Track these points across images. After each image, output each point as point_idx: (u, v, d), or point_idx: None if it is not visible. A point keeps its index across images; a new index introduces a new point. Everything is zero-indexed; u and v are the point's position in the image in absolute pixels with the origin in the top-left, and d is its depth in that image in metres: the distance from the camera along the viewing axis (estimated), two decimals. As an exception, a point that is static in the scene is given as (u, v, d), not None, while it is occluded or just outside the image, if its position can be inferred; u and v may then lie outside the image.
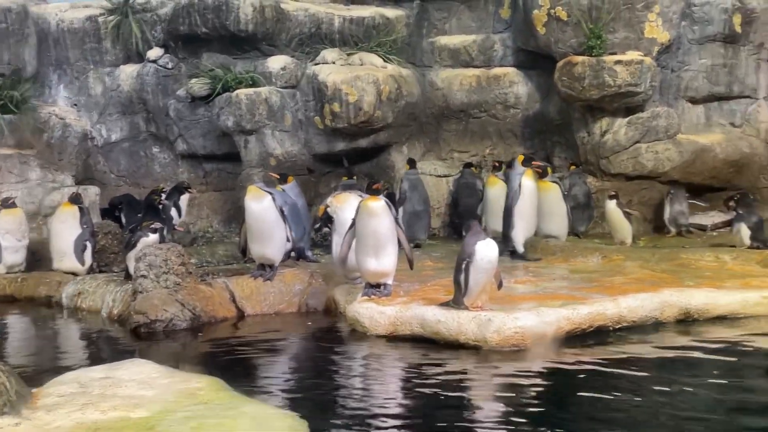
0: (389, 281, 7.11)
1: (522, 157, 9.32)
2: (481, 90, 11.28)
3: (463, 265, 6.24)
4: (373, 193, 7.13)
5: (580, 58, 10.26)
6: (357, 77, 10.56)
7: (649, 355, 6.10)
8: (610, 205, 9.62)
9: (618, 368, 5.75)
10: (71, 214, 9.19)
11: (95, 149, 11.89)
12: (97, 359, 6.23)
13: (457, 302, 6.40)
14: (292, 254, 8.71)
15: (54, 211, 9.73)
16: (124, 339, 7.20)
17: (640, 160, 10.42)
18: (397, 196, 10.08)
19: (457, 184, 10.91)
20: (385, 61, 11.06)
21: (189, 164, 11.77)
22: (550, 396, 5.25)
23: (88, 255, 9.15)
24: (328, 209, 7.90)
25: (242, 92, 10.85)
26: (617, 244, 9.57)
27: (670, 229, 10.24)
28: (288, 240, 8.08)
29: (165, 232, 9.16)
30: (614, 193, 9.77)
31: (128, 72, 11.71)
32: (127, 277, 8.22)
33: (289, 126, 10.98)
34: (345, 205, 7.75)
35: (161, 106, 11.60)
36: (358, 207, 7.11)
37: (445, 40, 11.52)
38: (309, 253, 9.12)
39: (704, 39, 10.71)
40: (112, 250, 9.58)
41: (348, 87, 10.51)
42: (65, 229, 9.13)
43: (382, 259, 7.01)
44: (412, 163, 10.68)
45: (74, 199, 9.40)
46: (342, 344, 6.81)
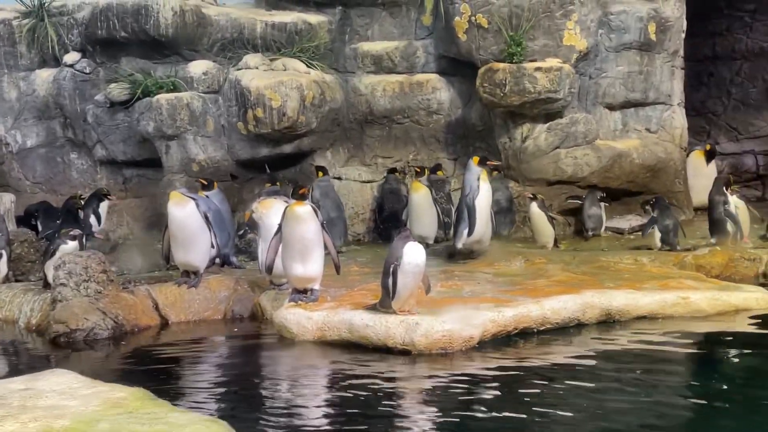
0: (316, 287, 7.09)
1: (477, 158, 9.30)
2: (404, 96, 11.32)
3: (391, 269, 6.26)
4: (300, 198, 7.11)
5: (501, 65, 10.39)
6: (280, 82, 10.51)
7: (570, 356, 6.20)
8: (534, 208, 9.77)
9: (541, 370, 5.85)
10: (-15, 222, 8.94)
11: (10, 155, 11.60)
12: (15, 371, 6.04)
13: (384, 306, 6.42)
14: (217, 261, 8.62)
15: (-33, 220, 9.43)
16: (44, 349, 7.03)
17: (560, 165, 10.59)
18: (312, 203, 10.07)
19: (382, 189, 10.93)
20: (308, 66, 11.02)
21: (108, 170, 11.53)
22: (475, 399, 5.29)
23: (3, 264, 8.86)
24: (254, 215, 7.83)
25: (163, 97, 10.68)
26: (539, 247, 9.72)
27: (587, 231, 10.44)
28: (213, 246, 8.00)
29: (84, 239, 8.98)
30: (533, 195, 9.91)
31: (44, 77, 11.42)
32: (46, 285, 8.04)
33: (212, 131, 10.85)
34: (270, 211, 7.68)
35: (79, 112, 11.35)
36: (284, 212, 7.07)
37: (367, 47, 11.53)
38: (234, 259, 9.04)
39: (621, 47, 10.93)
40: (28, 258, 9.32)
41: (271, 92, 10.44)
42: (-21, 238, 8.88)
43: (309, 264, 6.99)
44: (323, 170, 10.64)
45: (-12, 207, 9.15)
46: (269, 350, 6.78)
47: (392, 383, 5.69)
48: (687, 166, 11.61)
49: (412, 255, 6.27)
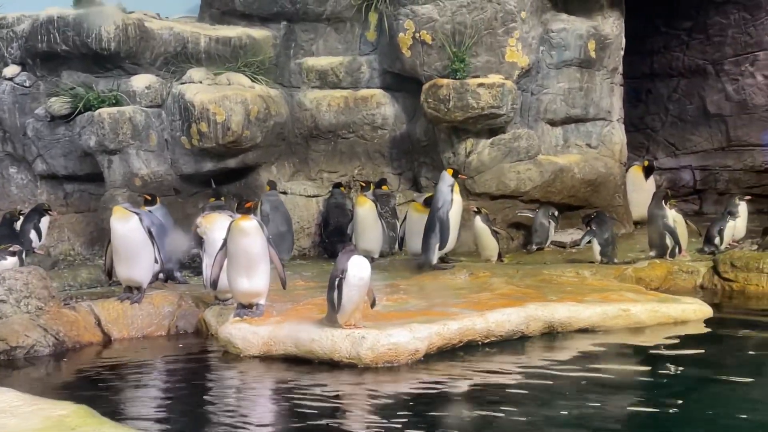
0: (262, 301, 7.06)
1: (451, 170, 9.53)
2: (349, 111, 11.36)
3: (336, 282, 6.26)
4: (245, 212, 7.09)
5: (444, 81, 10.49)
6: (225, 97, 10.48)
7: (513, 369, 6.27)
8: (478, 222, 9.86)
9: (483, 382, 5.90)
10: None
11: (-54, 170, 11.38)
12: (-47, 389, 5.91)
13: (330, 320, 6.42)
14: (161, 276, 8.53)
15: None
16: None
17: (503, 179, 10.71)
18: (258, 218, 10.04)
19: (327, 204, 10.93)
20: (252, 81, 11.01)
21: (49, 185, 11.36)
22: (419, 413, 5.32)
23: (-60, 281, 8.68)
24: (198, 230, 7.78)
25: (105, 111, 10.57)
26: (484, 261, 9.81)
27: (532, 245, 10.57)
28: (156, 261, 7.93)
29: (24, 255, 8.83)
30: (477, 209, 10.00)
31: (-18, 90, 11.26)
32: (-16, 302, 7.87)
33: (155, 146, 10.77)
34: (215, 226, 7.64)
35: (18, 126, 11.18)
36: (229, 227, 7.05)
37: (312, 62, 11.56)
38: (178, 274, 8.95)
39: (561, 64, 11.11)
40: (-34, 275, 9.13)
41: (216, 107, 10.40)
42: None
43: (255, 279, 6.96)
44: (272, 184, 10.63)
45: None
46: (214, 366, 6.73)
47: (338, 397, 5.70)
48: (626, 180, 11.83)
49: (357, 268, 6.28)
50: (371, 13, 11.28)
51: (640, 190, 11.73)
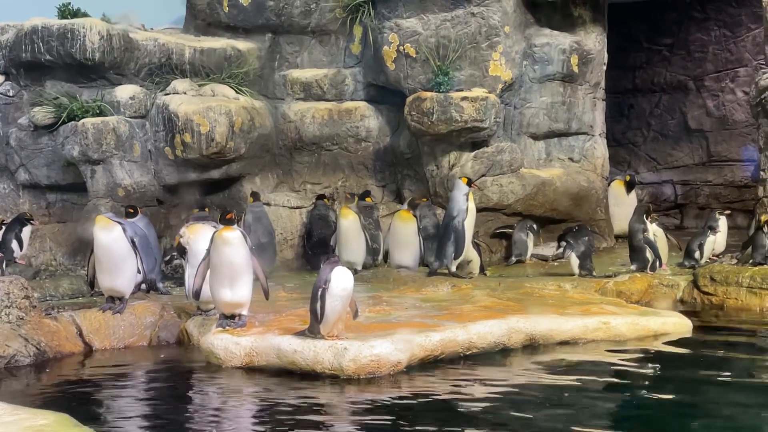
0: (244, 312, 7.06)
1: (465, 179, 9.70)
2: (333, 123, 11.40)
3: (319, 293, 6.28)
4: (227, 223, 7.10)
5: (428, 94, 10.54)
6: (209, 108, 10.50)
7: (495, 380, 6.28)
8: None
9: (465, 394, 5.92)
10: None
11: (-72, 179, 11.33)
12: (-67, 398, 5.88)
13: (313, 331, 6.43)
14: (143, 286, 8.52)
15: None
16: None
17: (486, 192, 10.74)
18: (242, 228, 10.04)
19: (311, 215, 10.94)
20: (237, 92, 11.04)
21: (31, 195, 11.33)
22: (400, 425, 5.33)
23: None
24: (181, 240, 7.78)
25: (89, 121, 10.57)
26: (466, 274, 9.82)
27: (512, 257, 10.61)
28: (139, 272, 7.92)
29: (5, 265, 8.80)
30: None
31: (-35, 100, 11.25)
32: (-35, 312, 7.83)
33: (138, 156, 10.77)
34: (198, 236, 7.65)
35: (1, 135, 11.19)
36: (212, 237, 7.06)
37: (297, 74, 11.60)
38: (160, 285, 8.94)
39: (544, 78, 11.18)
40: (-53, 284, 9.08)
41: (200, 118, 10.42)
42: None
43: (237, 289, 6.96)
44: (255, 195, 10.63)
45: None
46: (196, 377, 6.70)
47: (319, 408, 5.69)
48: (608, 195, 11.90)
49: (340, 279, 6.30)
50: (356, 26, 11.34)
51: (622, 205, 11.80)
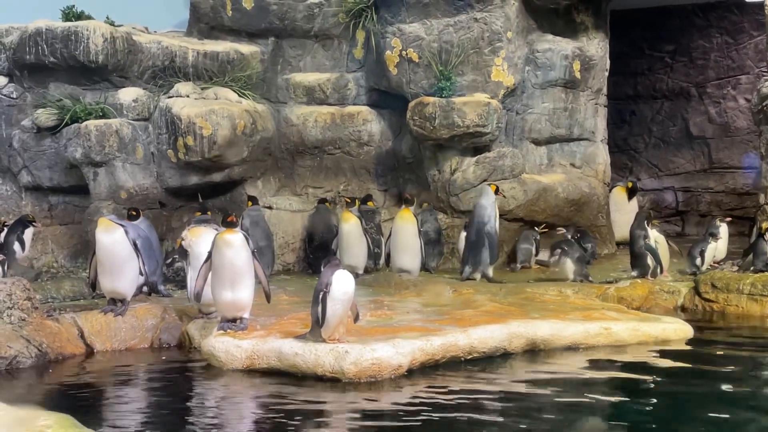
0: (246, 315, 7.06)
1: (494, 186, 9.88)
2: (336, 127, 11.42)
3: (320, 297, 6.29)
4: (229, 225, 7.10)
5: (431, 99, 10.56)
6: (212, 111, 10.51)
7: (495, 385, 6.29)
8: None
9: (465, 398, 5.91)
10: None
11: (-69, 181, 11.35)
12: (-65, 399, 5.88)
13: (314, 335, 6.43)
14: (145, 289, 8.52)
15: None
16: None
17: (488, 197, 10.76)
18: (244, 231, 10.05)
19: (312, 219, 10.95)
20: (239, 96, 11.06)
21: (33, 197, 11.33)
22: (401, 427, 5.34)
23: None
24: (183, 243, 7.78)
25: (92, 123, 10.58)
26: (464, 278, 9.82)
27: (516, 263, 10.62)
28: (141, 274, 7.92)
29: (7, 266, 8.80)
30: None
31: (-31, 101, 11.26)
32: (-33, 313, 7.83)
33: (141, 159, 10.78)
34: (200, 239, 7.64)
35: (5, 137, 11.18)
36: (214, 240, 7.06)
37: (299, 78, 11.63)
38: (162, 287, 8.93)
39: (546, 84, 11.21)
40: (-51, 285, 9.09)
41: (202, 121, 10.43)
42: None
43: (239, 292, 6.96)
44: (253, 199, 10.64)
45: None
46: (197, 379, 6.70)
47: (320, 411, 5.70)
48: (610, 201, 11.91)
49: (341, 282, 6.31)
50: (359, 31, 11.37)
51: (623, 211, 11.82)
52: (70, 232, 11.17)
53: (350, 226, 10.05)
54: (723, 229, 10.12)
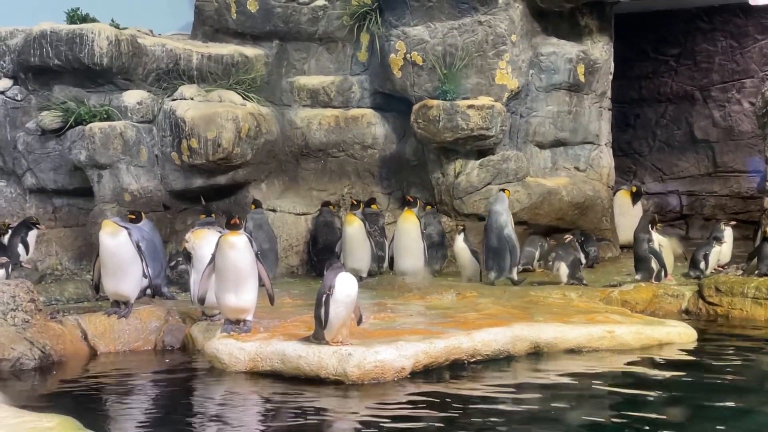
0: (249, 317, 7.06)
1: (508, 192, 10.03)
2: (340, 130, 11.44)
3: (324, 299, 6.28)
4: (233, 228, 7.10)
5: (435, 102, 10.57)
6: (216, 114, 10.53)
7: (498, 388, 6.27)
8: (459, 243, 9.92)
9: (469, 401, 5.91)
10: None
11: (-65, 183, 11.37)
12: (-61, 400, 5.89)
13: (317, 337, 6.43)
14: (148, 291, 8.52)
15: None
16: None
17: (492, 201, 10.73)
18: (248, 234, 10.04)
19: (316, 222, 10.95)
20: (244, 98, 11.07)
21: (37, 199, 11.34)
22: (407, 429, 5.33)
23: (-74, 292, 8.65)
24: (187, 245, 7.78)
25: (96, 126, 10.61)
26: (465, 281, 9.81)
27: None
28: (145, 276, 7.93)
29: (10, 268, 8.80)
30: (462, 227, 10.07)
31: (-27, 104, 11.28)
32: (-29, 314, 7.84)
33: (145, 161, 10.80)
34: (203, 242, 7.63)
35: (9, 139, 11.18)
36: (217, 242, 7.06)
37: (304, 80, 11.64)
38: (165, 290, 8.94)
39: (551, 87, 11.20)
40: (-47, 287, 9.10)
41: (206, 123, 10.45)
42: None
43: (242, 294, 6.96)
44: (257, 203, 10.64)
45: None
46: (200, 381, 6.70)
47: (324, 414, 5.69)
48: (614, 204, 11.89)
49: (344, 285, 6.30)
50: (363, 34, 11.39)
51: (628, 215, 11.80)
52: (74, 234, 11.18)
53: (354, 229, 10.06)
54: (727, 233, 10.09)
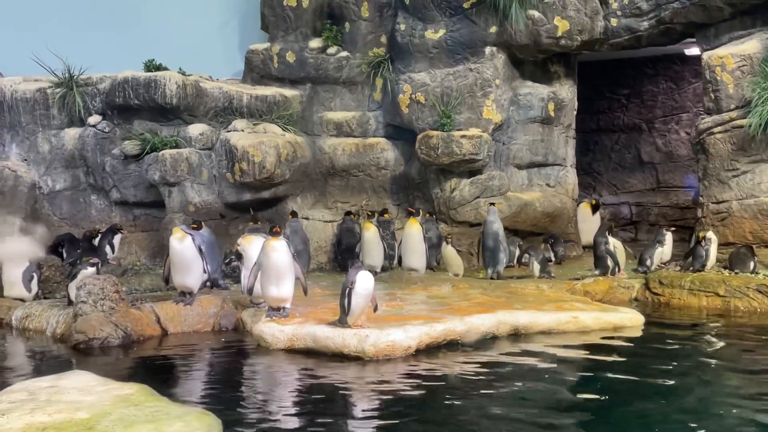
0: (287, 305, 7.08)
1: (498, 204, 10.04)
2: (359, 155, 11.42)
3: (347, 292, 6.29)
4: (275, 234, 7.11)
5: (435, 133, 10.55)
6: (261, 142, 10.54)
7: (486, 361, 6.26)
8: (447, 247, 9.96)
9: (462, 372, 5.91)
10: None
11: (42, 196, 11.39)
12: (42, 371, 5.92)
13: (342, 322, 6.44)
14: (208, 284, 8.53)
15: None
16: (66, 354, 6.88)
17: (480, 211, 10.69)
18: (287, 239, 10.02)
19: (340, 228, 10.93)
20: (283, 130, 11.08)
21: (121, 210, 11.37)
22: (413, 394, 5.33)
23: (34, 284, 8.71)
24: (239, 247, 7.81)
25: (167, 152, 10.64)
26: (452, 275, 9.78)
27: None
28: (204, 272, 7.94)
29: (100, 266, 8.84)
30: (449, 236, 10.16)
31: (71, 134, 11.30)
32: (69, 303, 7.89)
33: (206, 180, 10.82)
34: (251, 245, 7.65)
35: (99, 162, 11.23)
36: (263, 245, 7.08)
37: (331, 115, 11.64)
38: (221, 282, 8.94)
39: (527, 120, 11.15)
40: (55, 280, 9.16)
41: (254, 150, 10.46)
42: (15, 263, 8.68)
43: (282, 287, 6.98)
44: (294, 213, 10.59)
45: (24, 237, 8.98)
46: (249, 356, 6.72)
47: (348, 383, 5.70)
48: (577, 213, 11.83)
49: (363, 280, 6.31)
50: (378, 79, 11.38)
51: (588, 222, 11.73)
52: (150, 237, 11.21)
53: (370, 233, 10.04)
54: (668, 237, 10.04)
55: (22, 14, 11.97)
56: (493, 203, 10.09)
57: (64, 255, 10.09)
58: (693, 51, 12.01)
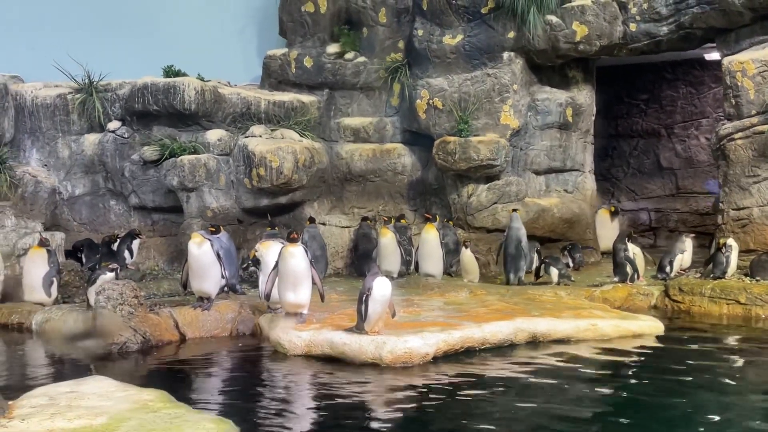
0: (305, 311, 7.08)
1: (520, 211, 10.01)
2: (376, 160, 11.43)
3: (364, 298, 6.28)
4: (292, 241, 7.13)
5: (452, 138, 10.54)
6: (279, 148, 10.57)
7: (503, 369, 6.23)
8: (466, 253, 9.88)
9: (480, 379, 5.88)
10: (40, 255, 8.80)
11: (62, 201, 11.48)
12: (62, 376, 5.96)
13: (359, 328, 6.43)
14: (225, 289, 8.56)
15: (26, 253, 9.39)
16: (86, 359, 6.93)
17: (497, 217, 10.68)
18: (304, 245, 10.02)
19: (357, 233, 10.95)
20: (301, 135, 11.12)
21: (140, 215, 11.46)
22: (430, 402, 5.31)
23: (54, 289, 8.78)
24: (256, 253, 7.83)
25: (186, 158, 10.70)
26: (466, 281, 9.73)
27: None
28: (222, 277, 7.97)
29: (119, 270, 8.90)
30: (467, 243, 10.03)
31: (91, 140, 11.40)
32: (88, 307, 7.94)
33: (224, 185, 10.87)
34: (269, 251, 7.67)
35: (118, 168, 11.32)
36: (280, 251, 7.10)
37: (348, 121, 11.66)
38: (239, 287, 8.96)
39: (545, 126, 11.11)
40: (74, 284, 9.23)
41: (272, 155, 10.50)
42: (35, 268, 8.74)
43: (299, 293, 6.99)
44: (311, 219, 10.63)
45: (43, 242, 9.03)
46: (267, 362, 6.72)
47: (365, 390, 5.69)
48: (596, 220, 11.75)
49: (380, 287, 6.30)
50: (395, 84, 11.39)
51: (607, 228, 11.65)
52: (168, 242, 11.27)
53: (387, 239, 10.03)
54: (688, 243, 9.94)
55: (43, 21, 12.09)
56: (515, 209, 10.03)
57: (84, 260, 10.18)
58: (713, 56, 11.90)
